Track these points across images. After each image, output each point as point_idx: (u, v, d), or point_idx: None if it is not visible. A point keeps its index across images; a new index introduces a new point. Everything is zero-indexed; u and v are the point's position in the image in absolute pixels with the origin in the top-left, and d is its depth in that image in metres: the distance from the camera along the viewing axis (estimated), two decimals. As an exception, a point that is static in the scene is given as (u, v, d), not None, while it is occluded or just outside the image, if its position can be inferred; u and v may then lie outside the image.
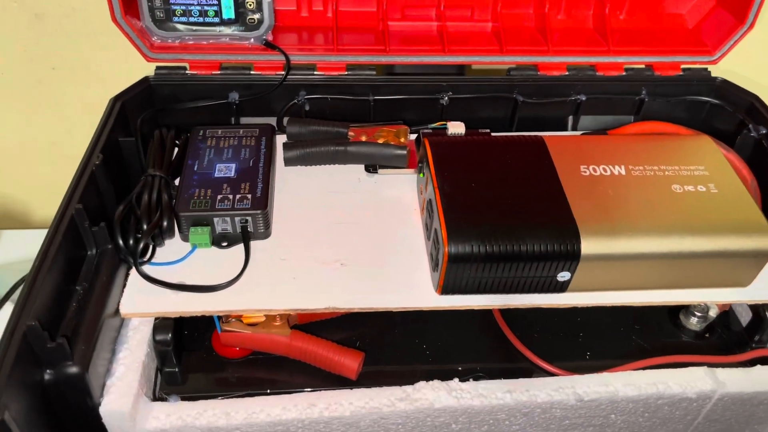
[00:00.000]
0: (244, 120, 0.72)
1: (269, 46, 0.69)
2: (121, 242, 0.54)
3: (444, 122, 0.69)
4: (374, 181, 0.67)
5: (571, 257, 0.52)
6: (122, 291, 0.55)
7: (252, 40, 0.69)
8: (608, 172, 0.58)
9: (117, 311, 0.54)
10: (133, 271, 0.55)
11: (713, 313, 0.61)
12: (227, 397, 0.53)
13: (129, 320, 0.55)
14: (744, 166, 0.68)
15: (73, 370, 0.47)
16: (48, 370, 0.46)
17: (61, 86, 0.88)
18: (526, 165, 0.58)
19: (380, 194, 0.65)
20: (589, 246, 0.52)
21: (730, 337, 0.62)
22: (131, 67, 0.69)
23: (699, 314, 0.61)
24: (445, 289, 0.54)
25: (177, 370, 0.56)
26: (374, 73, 0.71)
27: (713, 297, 0.58)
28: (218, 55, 0.70)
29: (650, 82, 0.74)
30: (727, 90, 0.74)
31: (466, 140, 0.61)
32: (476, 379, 0.56)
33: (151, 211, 0.56)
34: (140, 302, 0.54)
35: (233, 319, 0.56)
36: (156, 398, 0.55)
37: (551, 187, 0.56)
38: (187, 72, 0.70)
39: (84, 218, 0.53)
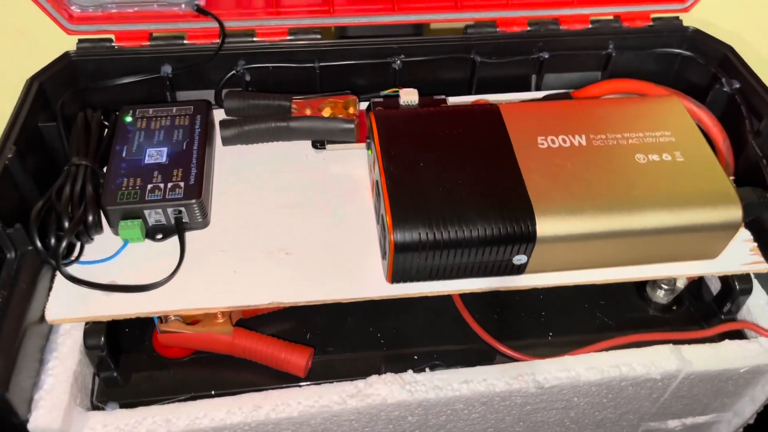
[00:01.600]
0: (180, 94, 0.67)
1: (202, 12, 0.63)
2: (39, 244, 0.49)
3: (396, 89, 0.64)
4: (322, 158, 0.62)
5: (526, 239, 0.49)
6: (48, 295, 0.51)
7: (183, 6, 0.63)
8: (568, 143, 0.53)
9: (43, 318, 0.50)
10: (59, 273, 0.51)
11: (681, 284, 0.58)
12: (168, 402, 0.50)
13: (59, 325, 0.52)
14: (716, 124, 0.64)
15: (-10, 390, 0.43)
16: (-38, 393, 0.43)
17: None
18: (479, 139, 0.53)
19: (329, 172, 0.61)
20: (545, 227, 0.49)
21: (698, 309, 0.59)
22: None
23: (666, 287, 0.58)
24: (395, 277, 0.51)
25: (115, 374, 0.53)
26: (319, 37, 0.66)
27: (680, 271, 0.55)
28: (147, 24, 0.64)
29: (618, 34, 0.69)
30: (700, 41, 0.69)
31: (415, 114, 0.56)
32: (432, 368, 0.53)
33: (73, 205, 0.52)
34: (68, 307, 0.50)
35: (173, 318, 0.53)
36: (93, 407, 0.52)
37: (506, 164, 0.52)
38: (113, 44, 0.64)
39: (-5, 220, 0.48)
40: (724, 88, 0.65)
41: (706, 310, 0.59)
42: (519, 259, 0.50)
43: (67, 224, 0.51)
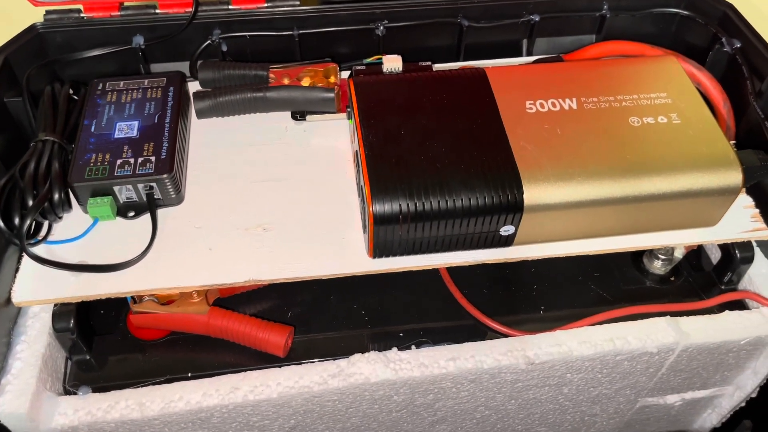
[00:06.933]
0: (154, 67, 0.64)
1: (173, -22, 0.60)
2: (1, 223, 0.47)
3: (380, 56, 0.61)
4: (303, 130, 0.59)
5: (513, 209, 0.46)
6: (14, 276, 0.49)
7: (153, -28, 0.60)
8: (557, 107, 0.51)
9: (9, 300, 0.48)
10: (26, 253, 0.49)
11: (679, 254, 0.56)
12: (142, 385, 0.48)
13: (27, 308, 0.50)
14: (716, 86, 0.61)
15: (-50, 377, 0.41)
16: None
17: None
18: (464, 105, 0.50)
19: (309, 144, 0.58)
20: (533, 195, 0.46)
21: (697, 280, 0.57)
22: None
23: (663, 257, 0.56)
24: (377, 252, 0.49)
25: (89, 357, 0.51)
26: (298, 3, 0.63)
27: (678, 239, 0.52)
28: (116, -7, 0.61)
29: (613, -6, 0.66)
30: (699, -1, 0.65)
31: (397, 79, 0.53)
32: (418, 345, 0.51)
33: (37, 183, 0.50)
34: (35, 288, 0.48)
35: (146, 298, 0.51)
36: (66, 391, 0.50)
37: (491, 130, 0.49)
38: (81, 15, 0.61)
39: (-45, 200, 0.46)
40: (724, 48, 0.62)
41: (706, 280, 0.57)
42: (506, 229, 0.48)
43: (30, 202, 0.48)
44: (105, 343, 0.52)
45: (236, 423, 0.50)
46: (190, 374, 0.50)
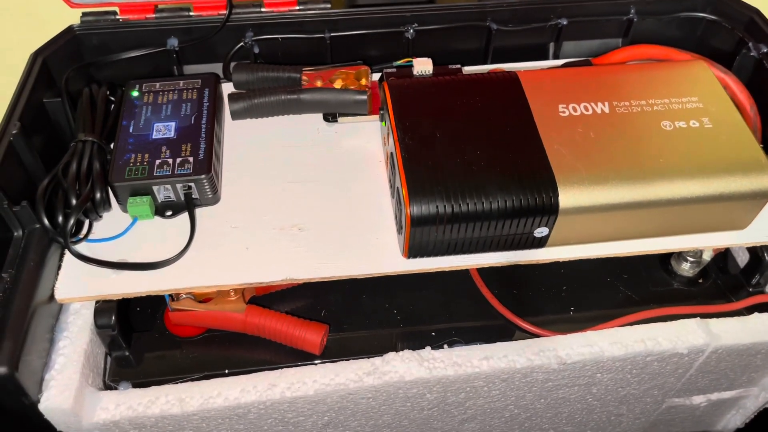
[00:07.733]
0: (187, 68, 0.65)
1: (208, -19, 0.61)
2: (46, 221, 0.48)
3: (410, 59, 0.62)
4: (334, 131, 0.60)
5: (548, 211, 0.47)
6: (57, 273, 0.50)
7: (188, -25, 0.61)
8: (590, 111, 0.51)
9: (52, 297, 0.49)
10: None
11: (707, 256, 0.56)
12: (181, 381, 0.49)
13: (69, 304, 0.51)
14: (743, 90, 0.61)
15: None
16: (-29, 374, 0.42)
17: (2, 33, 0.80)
18: (497, 108, 0.51)
19: (341, 146, 0.59)
20: (568, 198, 0.47)
21: (725, 282, 0.57)
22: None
23: (692, 259, 0.56)
24: (412, 252, 0.49)
25: (127, 353, 0.52)
26: (329, 6, 0.63)
27: (707, 242, 0.53)
28: (151, -4, 0.62)
29: (640, -1, 0.66)
30: (725, 3, 0.66)
31: (430, 82, 0.54)
32: (450, 344, 0.52)
33: (80, 182, 0.51)
34: (77, 285, 0.49)
35: (184, 295, 0.52)
36: (106, 386, 0.51)
37: (526, 133, 0.50)
38: (117, 17, 0.62)
39: (2, 198, 0.47)
40: (750, 53, 0.62)
41: (734, 282, 0.57)
42: (540, 231, 0.49)
43: (74, 201, 0.49)
44: (143, 339, 0.53)
45: (272, 419, 0.51)
46: (227, 371, 0.51)
